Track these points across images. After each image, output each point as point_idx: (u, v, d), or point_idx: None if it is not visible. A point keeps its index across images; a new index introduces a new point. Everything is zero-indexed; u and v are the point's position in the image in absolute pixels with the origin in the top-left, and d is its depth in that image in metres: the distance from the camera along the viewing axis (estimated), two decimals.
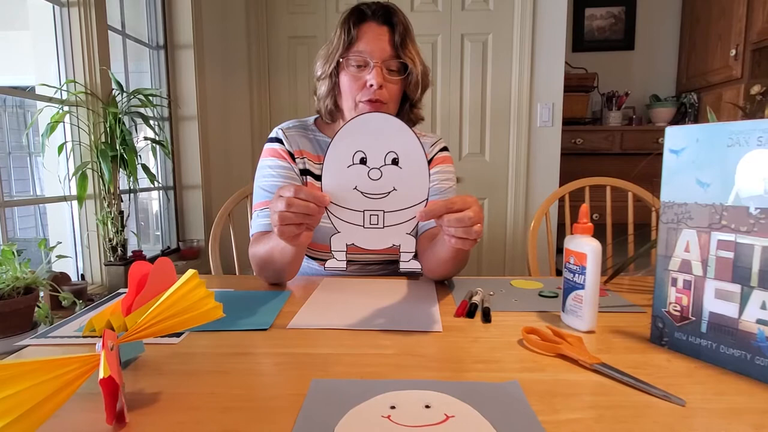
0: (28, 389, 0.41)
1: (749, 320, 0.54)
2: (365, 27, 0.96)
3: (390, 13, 0.97)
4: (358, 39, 0.95)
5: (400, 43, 0.96)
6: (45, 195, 1.71)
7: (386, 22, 0.96)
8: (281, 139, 1.05)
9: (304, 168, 1.04)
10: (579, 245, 0.69)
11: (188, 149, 2.32)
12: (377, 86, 0.94)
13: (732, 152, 0.56)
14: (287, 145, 1.04)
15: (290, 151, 1.04)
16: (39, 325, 1.20)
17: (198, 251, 2.30)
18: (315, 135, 1.08)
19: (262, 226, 0.99)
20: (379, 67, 0.94)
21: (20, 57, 2.18)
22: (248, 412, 0.48)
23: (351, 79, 0.96)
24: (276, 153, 1.04)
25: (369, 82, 0.94)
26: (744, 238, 0.54)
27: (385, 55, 0.95)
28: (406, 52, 0.97)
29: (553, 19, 2.48)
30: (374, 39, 0.95)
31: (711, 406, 0.49)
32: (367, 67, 0.95)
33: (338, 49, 0.96)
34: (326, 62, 0.99)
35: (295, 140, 1.05)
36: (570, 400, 0.50)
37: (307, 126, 1.09)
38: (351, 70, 0.96)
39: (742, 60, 2.39)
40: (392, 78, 0.97)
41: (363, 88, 0.96)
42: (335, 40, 0.97)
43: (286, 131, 1.06)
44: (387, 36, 0.96)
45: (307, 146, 1.06)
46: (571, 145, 2.78)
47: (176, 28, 2.25)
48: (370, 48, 0.94)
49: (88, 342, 0.66)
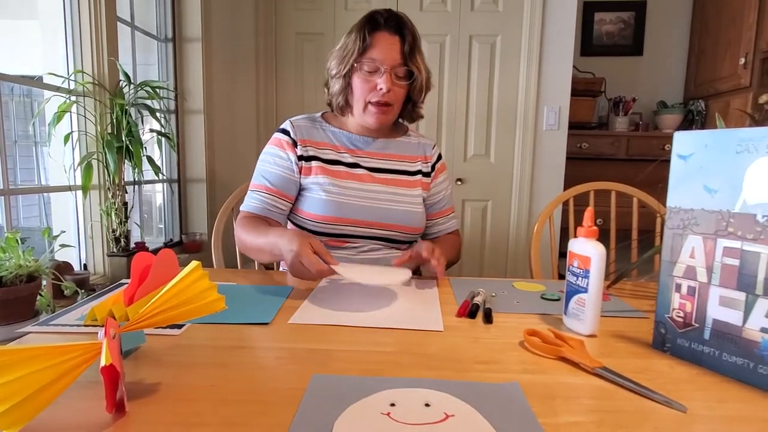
0: (29, 375, 0.41)
1: (753, 328, 0.54)
2: (378, 35, 1.05)
3: (401, 24, 1.07)
4: (371, 46, 1.05)
5: (409, 52, 1.06)
6: (50, 185, 1.72)
7: (398, 31, 1.06)
8: (288, 130, 1.14)
9: (307, 155, 1.12)
10: (583, 249, 0.69)
11: (194, 142, 2.32)
12: (386, 90, 1.05)
13: (741, 159, 0.55)
14: (293, 134, 1.12)
15: (294, 140, 1.12)
16: (41, 313, 1.21)
17: (201, 245, 2.30)
18: (322, 125, 1.18)
19: (251, 207, 1.10)
20: (389, 73, 1.05)
21: (29, 46, 2.18)
22: (248, 405, 0.48)
23: (363, 81, 1.07)
24: (278, 142, 1.13)
25: (379, 86, 1.05)
26: (750, 246, 0.54)
27: (395, 63, 1.05)
28: (414, 61, 1.07)
29: (562, 23, 2.47)
30: (386, 48, 1.05)
31: (712, 413, 0.48)
32: (378, 72, 1.05)
33: (353, 53, 1.06)
34: (341, 63, 1.08)
35: (302, 130, 1.14)
36: (571, 403, 0.50)
37: (315, 119, 1.19)
38: (363, 74, 1.06)
39: (751, 68, 2.37)
40: (399, 83, 1.08)
41: (373, 91, 1.06)
42: (350, 43, 1.07)
43: (294, 122, 1.15)
44: (397, 45, 1.06)
45: (315, 135, 1.15)
46: (576, 150, 2.77)
47: (185, 22, 2.25)
48: (381, 56, 1.04)
49: (90, 331, 0.67)
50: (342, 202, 1.08)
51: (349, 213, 1.08)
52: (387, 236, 1.12)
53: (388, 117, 1.10)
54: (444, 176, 1.25)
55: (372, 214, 1.09)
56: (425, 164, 1.21)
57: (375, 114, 1.07)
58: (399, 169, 1.17)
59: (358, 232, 1.09)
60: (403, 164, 1.18)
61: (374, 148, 1.16)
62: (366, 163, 1.14)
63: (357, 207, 1.09)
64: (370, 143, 1.16)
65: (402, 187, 1.15)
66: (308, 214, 1.09)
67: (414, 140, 1.23)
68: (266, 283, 0.93)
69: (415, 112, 1.18)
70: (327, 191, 1.08)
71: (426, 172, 1.20)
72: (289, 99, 2.65)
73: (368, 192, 1.11)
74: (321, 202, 1.08)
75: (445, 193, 1.25)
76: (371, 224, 1.10)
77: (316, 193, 1.09)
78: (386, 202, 1.11)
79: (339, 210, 1.07)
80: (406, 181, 1.16)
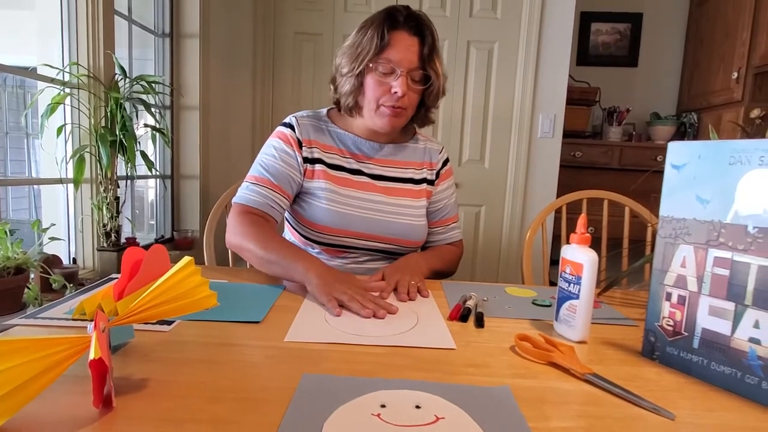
0: (15, 367, 0.40)
1: (741, 338, 0.54)
2: (397, 35, 0.98)
3: (421, 24, 0.99)
4: (389, 46, 0.97)
5: (428, 56, 0.99)
6: (41, 177, 1.70)
7: (417, 32, 0.99)
8: (293, 126, 1.07)
9: (312, 157, 1.06)
10: (576, 255, 0.69)
11: (188, 139, 2.30)
12: (401, 94, 0.98)
13: (733, 170, 0.56)
14: (298, 133, 1.07)
15: (299, 139, 1.06)
16: (28, 306, 1.19)
17: (192, 242, 2.28)
18: (327, 126, 1.11)
19: (251, 201, 1.01)
20: (405, 76, 0.98)
21: (24, 37, 2.16)
22: (237, 402, 0.47)
23: (376, 83, 0.99)
24: (285, 137, 1.07)
25: (393, 89, 0.98)
26: (741, 257, 0.55)
27: (412, 66, 0.98)
28: (432, 65, 1.00)
29: (559, 32, 2.49)
30: (404, 49, 0.97)
31: (700, 421, 0.49)
32: (394, 74, 0.98)
33: (369, 52, 0.98)
34: (354, 61, 1.00)
35: (307, 130, 1.08)
36: (560, 408, 0.50)
37: (320, 117, 1.12)
38: (378, 75, 0.99)
39: (744, 83, 2.41)
40: (415, 87, 1.01)
41: (387, 93, 0.99)
42: (364, 40, 0.98)
43: (299, 119, 1.09)
44: (416, 47, 0.99)
45: (319, 137, 1.09)
46: (570, 158, 2.79)
47: (183, 17, 2.24)
48: (399, 57, 0.97)
49: (78, 325, 0.66)
50: (342, 213, 1.04)
51: (349, 224, 1.04)
52: (386, 249, 1.08)
53: (400, 120, 1.03)
54: (448, 183, 1.19)
55: (372, 226, 1.06)
56: (430, 171, 1.15)
57: (387, 116, 1.01)
58: (405, 177, 1.11)
59: (357, 244, 1.06)
60: (409, 171, 1.12)
61: (379, 154, 1.10)
62: (369, 170, 1.09)
63: (357, 218, 1.05)
64: (376, 149, 1.10)
65: (407, 197, 1.10)
66: (307, 222, 1.05)
67: (421, 145, 1.16)
68: (258, 281, 0.93)
69: (426, 117, 1.11)
70: (328, 199, 1.04)
71: (430, 180, 1.15)
72: (285, 99, 2.64)
73: (369, 202, 1.06)
74: (321, 210, 1.03)
75: (448, 201, 1.18)
76: (371, 237, 1.06)
77: (317, 200, 1.04)
78: (387, 215, 1.07)
79: (338, 221, 1.03)
80: (412, 190, 1.11)
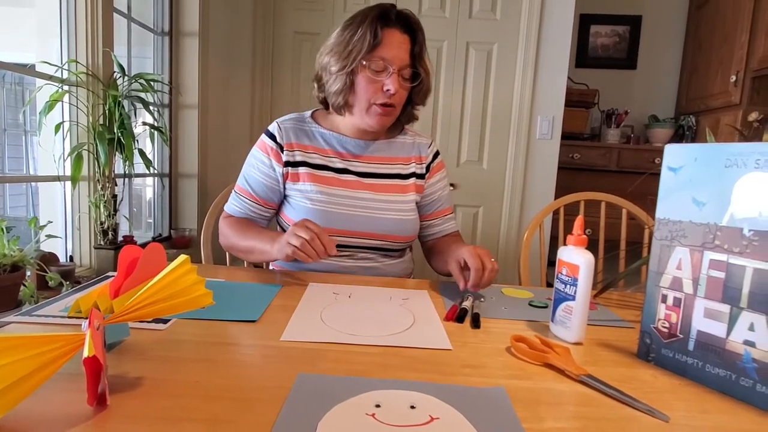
0: (10, 364, 0.40)
1: (736, 341, 0.55)
2: (389, 33, 0.99)
3: (411, 22, 1.02)
4: (382, 44, 0.98)
5: (418, 54, 1.02)
6: (39, 174, 1.69)
7: (408, 31, 1.02)
8: (274, 134, 1.10)
9: (294, 160, 1.08)
10: (572, 257, 0.69)
11: (186, 137, 2.30)
12: (393, 92, 1.00)
13: (729, 173, 0.56)
14: (279, 138, 1.09)
15: (281, 144, 1.08)
16: (24, 303, 1.19)
17: (189, 240, 2.28)
18: (311, 127, 1.13)
19: (234, 211, 1.11)
20: (397, 74, 1.00)
21: (23, 34, 2.16)
22: (232, 401, 0.47)
23: (368, 81, 1.00)
24: (263, 146, 1.10)
25: (386, 87, 1.00)
26: (736, 259, 0.55)
27: (403, 64, 1.01)
28: (422, 63, 1.04)
29: (558, 34, 2.50)
30: (396, 47, 1.00)
31: (694, 423, 0.49)
32: (386, 72, 1.00)
33: (361, 50, 0.98)
34: (344, 59, 1.00)
35: (289, 133, 1.10)
36: (555, 409, 0.50)
37: (304, 119, 1.14)
38: (370, 73, 1.00)
39: (742, 86, 2.41)
40: (405, 84, 1.03)
41: (379, 91, 1.01)
42: (355, 38, 0.99)
43: (281, 124, 1.11)
44: (407, 45, 1.01)
45: (301, 139, 1.10)
46: (568, 160, 2.79)
47: (182, 16, 2.24)
48: (391, 55, 0.99)
49: (73, 323, 0.66)
50: (330, 212, 1.05)
51: (338, 223, 1.04)
52: (377, 245, 1.09)
53: (390, 119, 1.06)
54: (440, 175, 1.19)
55: (361, 223, 1.06)
56: (419, 165, 1.15)
57: (378, 116, 1.02)
58: (391, 173, 1.12)
59: (348, 242, 1.06)
60: (396, 167, 1.13)
61: (366, 152, 1.11)
62: (356, 168, 1.10)
63: (345, 216, 1.05)
64: (362, 146, 1.11)
65: (394, 193, 1.10)
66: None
67: (409, 139, 1.17)
68: (255, 280, 0.93)
69: (411, 113, 1.14)
70: (314, 200, 1.05)
71: (420, 174, 1.15)
72: (284, 98, 2.64)
73: (357, 200, 1.07)
74: (308, 211, 1.04)
75: (441, 193, 1.19)
76: (361, 234, 1.06)
77: (303, 201, 1.05)
78: (376, 211, 1.07)
79: (327, 220, 1.03)
80: (399, 186, 1.12)
